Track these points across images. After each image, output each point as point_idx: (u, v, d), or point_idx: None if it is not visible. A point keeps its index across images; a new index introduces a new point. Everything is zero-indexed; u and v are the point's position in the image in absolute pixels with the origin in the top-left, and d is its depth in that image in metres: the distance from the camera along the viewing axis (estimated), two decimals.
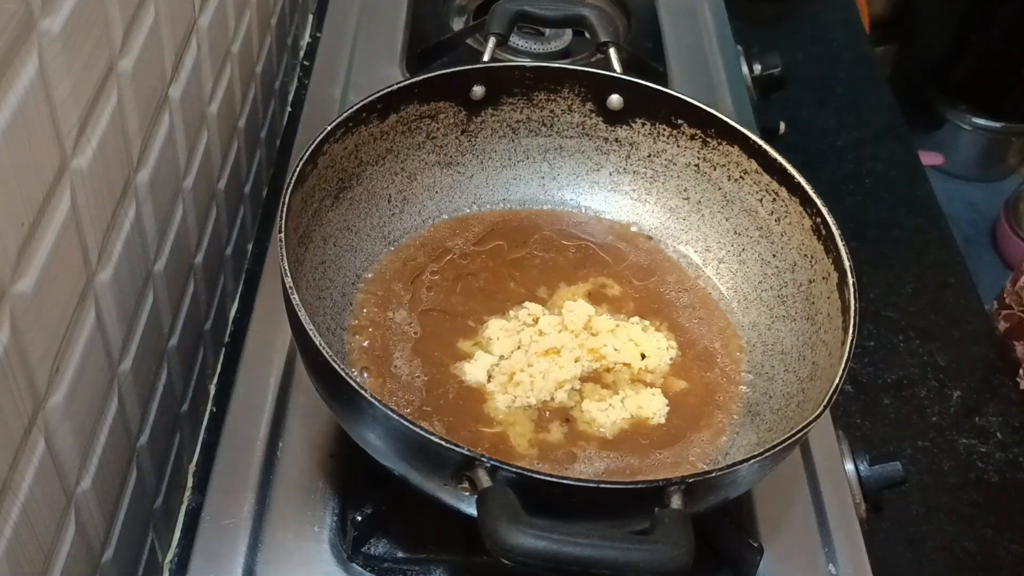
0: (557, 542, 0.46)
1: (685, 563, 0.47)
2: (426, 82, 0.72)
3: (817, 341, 0.66)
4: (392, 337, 0.69)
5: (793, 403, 0.65)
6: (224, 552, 0.63)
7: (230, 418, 0.70)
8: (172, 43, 0.64)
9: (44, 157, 0.46)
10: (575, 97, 0.77)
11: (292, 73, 1.08)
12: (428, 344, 0.69)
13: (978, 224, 2.26)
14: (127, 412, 0.61)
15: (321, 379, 0.58)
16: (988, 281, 2.09)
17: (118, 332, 0.58)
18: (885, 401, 0.87)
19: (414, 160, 0.75)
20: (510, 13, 0.80)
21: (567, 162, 0.80)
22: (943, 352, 0.92)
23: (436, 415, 0.65)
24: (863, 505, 0.71)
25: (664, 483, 0.51)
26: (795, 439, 0.54)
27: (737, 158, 0.73)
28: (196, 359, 0.78)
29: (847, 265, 0.64)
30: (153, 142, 0.62)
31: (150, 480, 0.68)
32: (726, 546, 0.66)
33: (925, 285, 0.99)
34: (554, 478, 0.51)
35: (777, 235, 0.72)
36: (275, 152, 1.01)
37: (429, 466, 0.53)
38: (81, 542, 0.55)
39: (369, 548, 0.65)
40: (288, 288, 0.57)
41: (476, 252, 0.76)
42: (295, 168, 0.63)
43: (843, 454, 0.73)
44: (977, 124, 2.27)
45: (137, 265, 0.61)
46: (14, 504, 0.46)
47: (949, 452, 0.84)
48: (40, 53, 0.44)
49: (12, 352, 0.44)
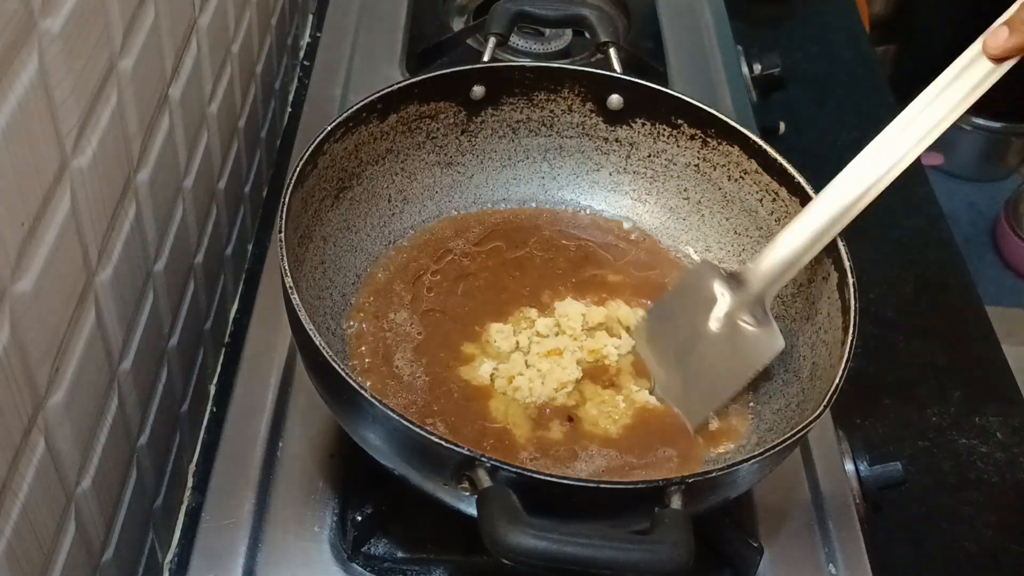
0: (557, 542, 0.46)
1: (685, 563, 0.47)
2: (426, 82, 0.72)
3: (817, 341, 0.66)
4: (394, 338, 0.69)
5: (793, 403, 0.65)
6: (224, 552, 0.63)
7: (230, 418, 0.70)
8: (172, 43, 0.64)
9: (44, 157, 0.46)
10: (575, 97, 0.77)
11: (292, 73, 1.08)
12: (430, 345, 0.69)
13: (978, 224, 2.26)
14: (127, 412, 0.61)
15: (321, 379, 0.58)
16: (988, 281, 2.10)
17: (118, 332, 0.58)
18: (885, 401, 0.87)
19: (414, 160, 0.75)
20: (510, 13, 0.80)
21: (567, 162, 0.80)
22: (943, 352, 0.92)
23: (439, 415, 0.65)
24: (863, 505, 0.71)
25: (664, 483, 0.51)
26: (795, 439, 0.54)
27: (737, 158, 0.73)
28: (196, 359, 0.78)
29: (847, 265, 0.64)
30: (153, 142, 0.62)
31: (150, 480, 0.68)
32: (726, 546, 0.66)
33: (925, 285, 0.99)
34: (554, 478, 0.51)
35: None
36: (275, 152, 1.01)
37: (429, 466, 0.53)
38: (81, 542, 0.55)
39: (369, 548, 0.65)
40: (288, 288, 0.57)
41: (476, 252, 0.76)
42: (295, 168, 0.63)
43: (843, 454, 0.73)
44: (977, 124, 2.27)
45: (137, 265, 0.61)
46: (14, 504, 0.46)
47: (949, 452, 0.84)
48: (40, 53, 0.44)
49: (12, 352, 0.44)
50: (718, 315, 0.68)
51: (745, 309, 0.67)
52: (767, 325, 0.66)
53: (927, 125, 0.62)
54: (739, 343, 0.67)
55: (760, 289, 0.66)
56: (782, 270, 0.66)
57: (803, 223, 0.65)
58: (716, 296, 0.68)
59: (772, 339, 0.66)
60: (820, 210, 0.64)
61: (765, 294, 0.66)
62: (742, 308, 0.67)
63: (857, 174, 0.63)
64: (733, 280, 0.68)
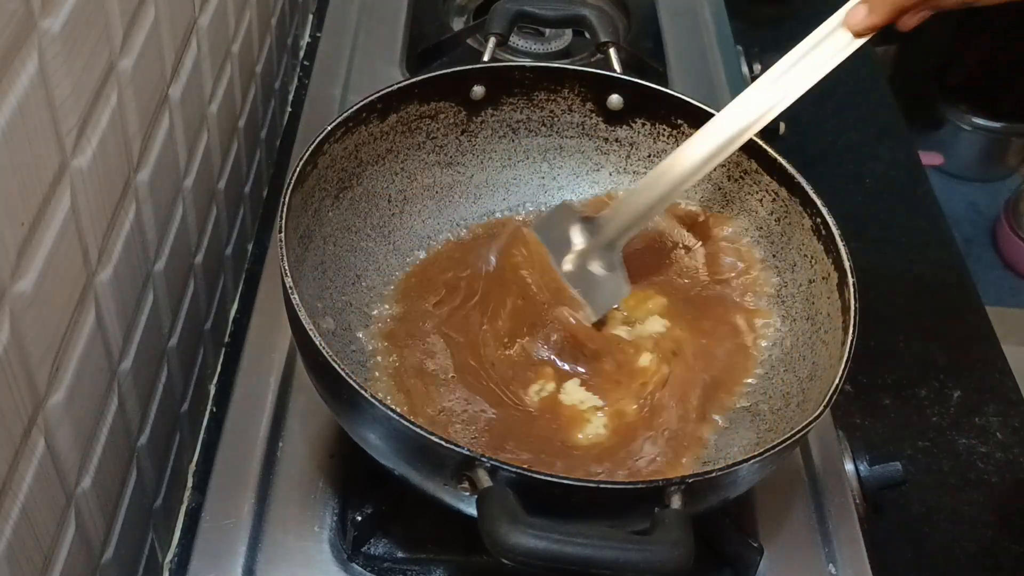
0: (557, 542, 0.46)
1: (685, 563, 0.47)
2: (426, 82, 0.72)
3: (817, 341, 0.66)
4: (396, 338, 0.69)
5: (793, 403, 0.65)
6: (224, 552, 0.63)
7: (230, 418, 0.70)
8: (172, 43, 0.64)
9: (44, 157, 0.46)
10: (575, 97, 0.77)
11: (292, 73, 1.08)
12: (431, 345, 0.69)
13: (978, 224, 2.26)
14: (127, 412, 0.61)
15: (321, 379, 0.58)
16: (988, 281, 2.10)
17: (118, 332, 0.58)
18: (885, 401, 0.87)
19: (414, 160, 0.75)
20: (510, 13, 0.80)
21: (567, 162, 0.80)
22: (943, 352, 0.92)
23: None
24: (863, 505, 0.71)
25: (664, 483, 0.51)
26: (795, 439, 0.54)
27: (737, 158, 0.73)
28: (196, 359, 0.78)
29: (847, 265, 0.64)
30: (153, 142, 0.62)
31: (150, 480, 0.68)
32: (726, 546, 0.66)
33: (925, 285, 0.99)
34: (554, 478, 0.51)
35: (777, 235, 0.72)
36: (275, 152, 1.01)
37: (429, 466, 0.53)
38: (81, 542, 0.55)
39: (369, 548, 0.65)
40: (288, 288, 0.57)
41: (476, 252, 0.76)
42: (295, 168, 0.63)
43: (843, 454, 0.73)
44: (977, 124, 2.27)
45: (137, 265, 0.61)
46: (14, 504, 0.46)
47: (949, 452, 0.84)
48: (40, 53, 0.44)
49: (12, 352, 0.44)
50: (571, 257, 0.72)
51: (596, 254, 0.71)
52: (616, 272, 0.70)
53: (787, 87, 0.65)
54: (589, 285, 0.71)
55: (611, 236, 0.70)
56: (632, 221, 0.69)
57: (650, 180, 0.68)
58: (570, 238, 0.72)
59: (619, 286, 0.70)
60: (667, 168, 0.68)
61: (616, 242, 0.70)
62: (593, 253, 0.71)
63: (706, 137, 0.67)
64: (588, 224, 0.71)
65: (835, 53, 0.64)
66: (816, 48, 0.65)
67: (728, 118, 0.67)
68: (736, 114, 0.66)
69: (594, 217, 0.71)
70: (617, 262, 0.71)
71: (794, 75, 0.65)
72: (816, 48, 0.65)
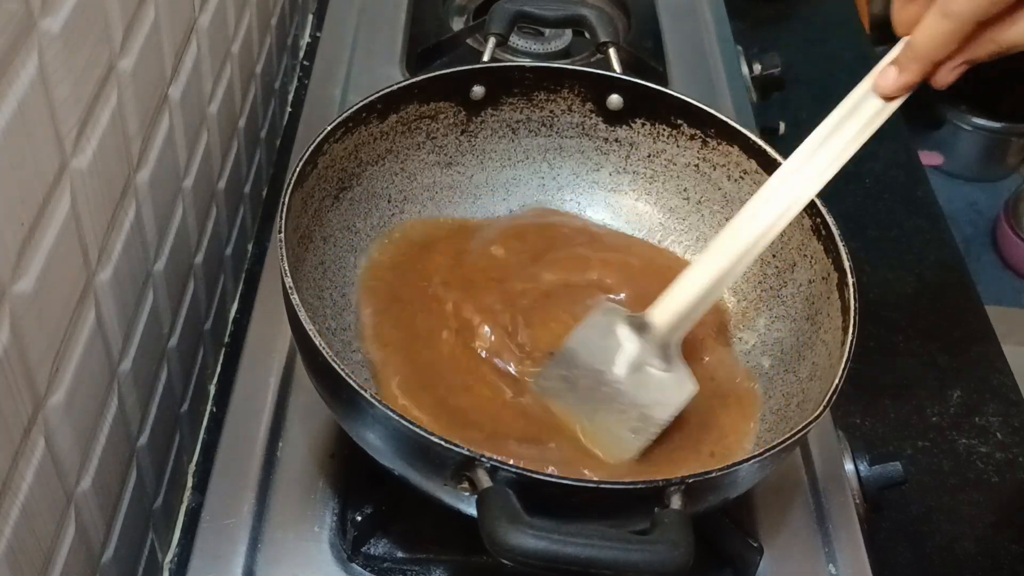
0: (557, 542, 0.46)
1: (685, 563, 0.47)
2: (426, 82, 0.72)
3: (817, 341, 0.66)
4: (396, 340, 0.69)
5: (793, 403, 0.65)
6: (224, 552, 0.63)
7: (230, 418, 0.70)
8: (172, 43, 0.64)
9: (44, 157, 0.46)
10: (575, 97, 0.77)
11: (292, 73, 1.08)
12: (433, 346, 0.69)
13: (978, 224, 2.26)
14: (127, 412, 0.61)
15: (321, 379, 0.58)
16: (988, 281, 2.10)
17: (118, 332, 0.58)
18: (885, 401, 0.87)
19: (414, 160, 0.75)
20: (510, 13, 0.80)
21: (567, 162, 0.80)
22: (943, 352, 0.92)
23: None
24: (863, 505, 0.71)
25: (664, 483, 0.51)
26: (795, 439, 0.54)
27: (737, 158, 0.73)
28: (196, 359, 0.78)
29: (847, 265, 0.64)
30: (153, 142, 0.62)
31: (150, 480, 0.68)
32: (726, 546, 0.66)
33: (925, 285, 0.99)
34: (554, 478, 0.51)
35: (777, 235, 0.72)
36: (275, 152, 1.01)
37: (429, 466, 0.53)
38: (81, 542, 0.55)
39: (369, 548, 0.65)
40: (288, 288, 0.57)
41: (476, 252, 0.76)
42: (295, 168, 0.63)
43: (843, 454, 0.73)
44: (977, 124, 2.27)
45: (137, 265, 0.61)
46: (14, 504, 0.46)
47: (949, 452, 0.84)
48: (40, 53, 0.44)
49: (12, 352, 0.44)
50: (624, 361, 0.64)
51: (652, 354, 0.64)
52: (677, 369, 0.64)
53: (822, 165, 0.61)
54: (651, 388, 0.64)
55: (665, 334, 0.63)
56: (684, 315, 0.63)
57: (700, 269, 0.63)
58: (620, 342, 0.65)
59: (683, 383, 0.63)
60: (716, 257, 0.62)
61: (670, 339, 0.64)
62: (649, 353, 0.64)
63: (752, 219, 0.62)
64: (637, 324, 0.64)
65: (867, 123, 0.60)
66: (846, 120, 0.60)
67: (750, 215, 0.62)
68: (759, 209, 0.62)
69: (641, 317, 0.64)
70: (675, 358, 0.64)
71: (825, 155, 0.60)
72: (846, 120, 0.60)
